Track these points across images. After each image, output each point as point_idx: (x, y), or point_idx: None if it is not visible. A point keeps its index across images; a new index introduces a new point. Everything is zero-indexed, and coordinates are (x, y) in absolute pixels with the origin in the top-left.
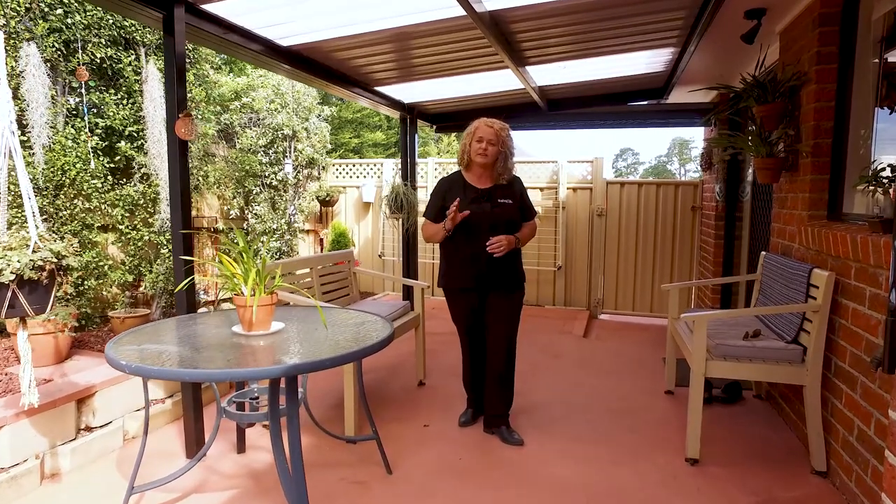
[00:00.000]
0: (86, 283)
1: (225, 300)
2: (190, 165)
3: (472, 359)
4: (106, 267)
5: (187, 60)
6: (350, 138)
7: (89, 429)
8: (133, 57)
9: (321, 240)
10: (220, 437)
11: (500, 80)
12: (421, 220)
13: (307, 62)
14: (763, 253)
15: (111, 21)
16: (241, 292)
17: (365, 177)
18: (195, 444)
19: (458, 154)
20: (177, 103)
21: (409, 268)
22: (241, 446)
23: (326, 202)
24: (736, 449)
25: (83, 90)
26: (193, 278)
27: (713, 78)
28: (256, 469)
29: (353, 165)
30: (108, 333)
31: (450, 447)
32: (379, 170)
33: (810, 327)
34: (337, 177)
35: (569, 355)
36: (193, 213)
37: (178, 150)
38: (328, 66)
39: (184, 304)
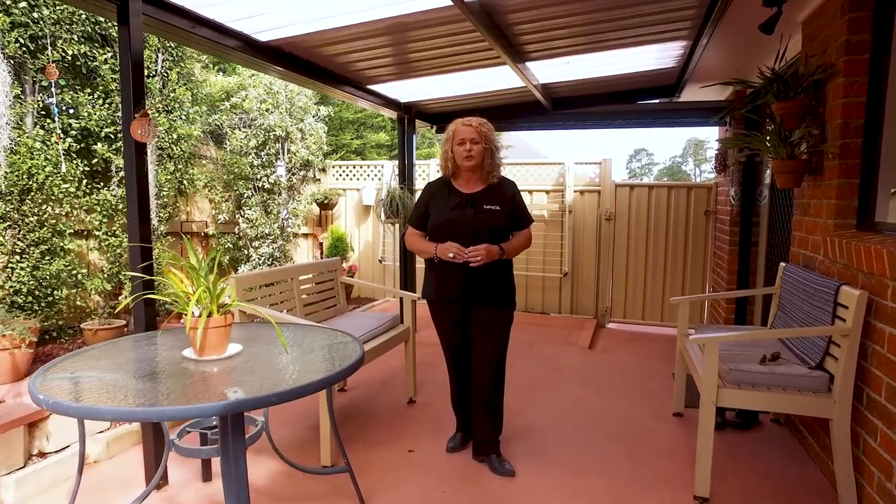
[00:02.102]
0: (56, 292)
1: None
2: (174, 168)
3: (459, 377)
4: (80, 275)
5: (170, 58)
6: (351, 139)
7: (42, 454)
8: (110, 54)
9: (320, 244)
10: (185, 464)
11: (502, 78)
12: None
13: (291, 59)
14: (782, 264)
15: (84, 16)
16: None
17: (365, 179)
18: (155, 472)
19: (440, 164)
20: (133, 102)
21: (407, 274)
22: (206, 474)
23: (325, 205)
24: (752, 485)
25: (54, 89)
26: (150, 293)
27: (728, 73)
28: (220, 501)
29: (353, 167)
30: (80, 346)
31: (434, 477)
32: (380, 172)
33: (838, 352)
34: (337, 179)
35: (571, 369)
36: (183, 217)
37: (135, 154)
38: (315, 62)
39: (142, 321)
